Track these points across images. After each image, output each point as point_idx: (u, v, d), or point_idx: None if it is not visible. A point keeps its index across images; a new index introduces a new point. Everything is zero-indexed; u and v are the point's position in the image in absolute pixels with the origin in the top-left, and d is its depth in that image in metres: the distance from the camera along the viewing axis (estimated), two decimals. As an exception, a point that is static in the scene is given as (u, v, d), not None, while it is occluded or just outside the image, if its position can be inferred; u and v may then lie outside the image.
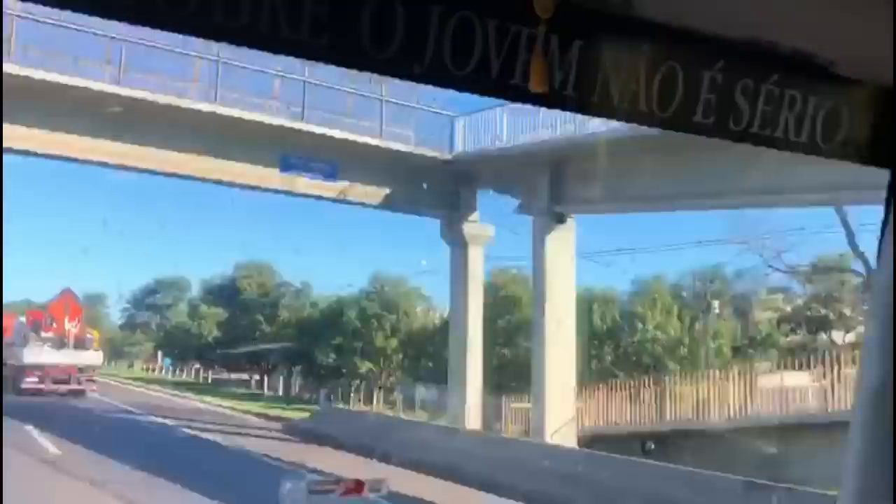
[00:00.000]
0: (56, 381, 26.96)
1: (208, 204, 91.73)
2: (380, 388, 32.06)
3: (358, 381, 32.04)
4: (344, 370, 32.31)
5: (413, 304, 33.58)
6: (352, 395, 31.65)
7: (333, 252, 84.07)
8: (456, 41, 1.20)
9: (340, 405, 27.98)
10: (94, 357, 29.08)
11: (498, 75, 1.24)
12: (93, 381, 28.76)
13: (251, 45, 1.19)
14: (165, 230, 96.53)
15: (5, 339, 31.27)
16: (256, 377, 43.96)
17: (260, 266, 47.11)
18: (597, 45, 1.28)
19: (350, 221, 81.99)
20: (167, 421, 22.41)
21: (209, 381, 49.33)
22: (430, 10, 1.18)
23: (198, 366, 54.91)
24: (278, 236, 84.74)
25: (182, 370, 55.15)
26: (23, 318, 30.48)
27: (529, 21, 1.20)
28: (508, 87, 1.26)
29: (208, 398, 31.94)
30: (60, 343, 27.84)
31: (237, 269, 46.82)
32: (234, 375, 49.26)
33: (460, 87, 1.27)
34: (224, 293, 46.38)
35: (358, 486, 8.11)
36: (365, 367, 31.64)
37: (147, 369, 60.15)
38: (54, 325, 28.39)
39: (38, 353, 26.94)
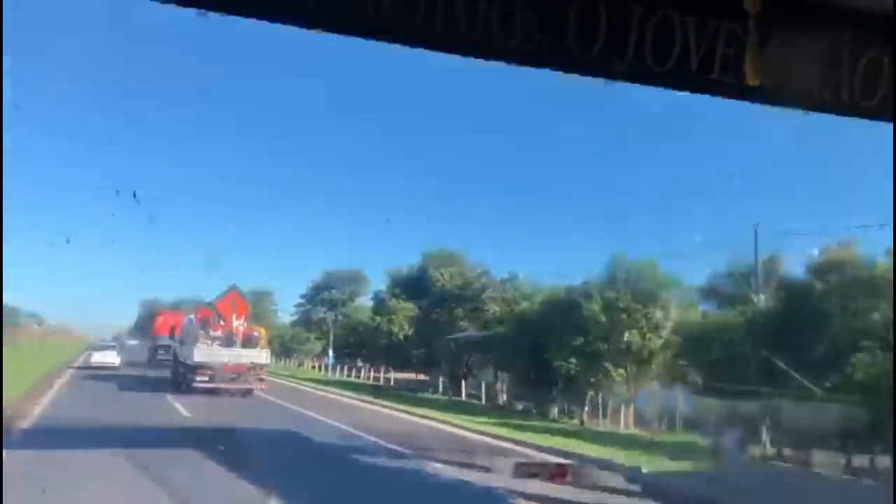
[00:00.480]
0: (226, 380, 25.96)
1: (384, 185, 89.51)
2: (626, 402, 24.17)
3: (596, 392, 24.53)
4: (592, 378, 24.69)
5: (670, 294, 24.82)
6: (586, 409, 24.80)
7: (533, 236, 75.41)
8: (657, 39, 1.23)
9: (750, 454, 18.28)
10: (261, 355, 27.50)
11: (697, 70, 1.26)
12: (261, 379, 27.30)
13: (465, 54, 1.27)
14: (335, 216, 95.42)
15: (176, 336, 31.45)
16: (443, 379, 38.88)
17: (451, 255, 43.39)
18: (801, 37, 1.27)
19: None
20: (388, 444, 15.48)
21: (391, 382, 45.93)
22: (631, 10, 1.21)
23: (360, 363, 52.65)
24: (464, 219, 79.00)
25: (352, 370, 52.97)
26: (191, 317, 29.94)
27: (733, 16, 1.21)
28: (707, 82, 1.29)
29: (402, 406, 26.70)
30: (229, 341, 27.09)
31: (427, 259, 43.28)
32: (408, 376, 45.77)
33: (660, 83, 1.29)
34: (414, 285, 42.72)
35: (562, 470, 10.93)
36: (618, 374, 23.63)
37: (316, 367, 59.08)
38: (222, 322, 27.78)
39: (207, 352, 26.06)
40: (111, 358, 39.17)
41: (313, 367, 59.25)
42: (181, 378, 27.16)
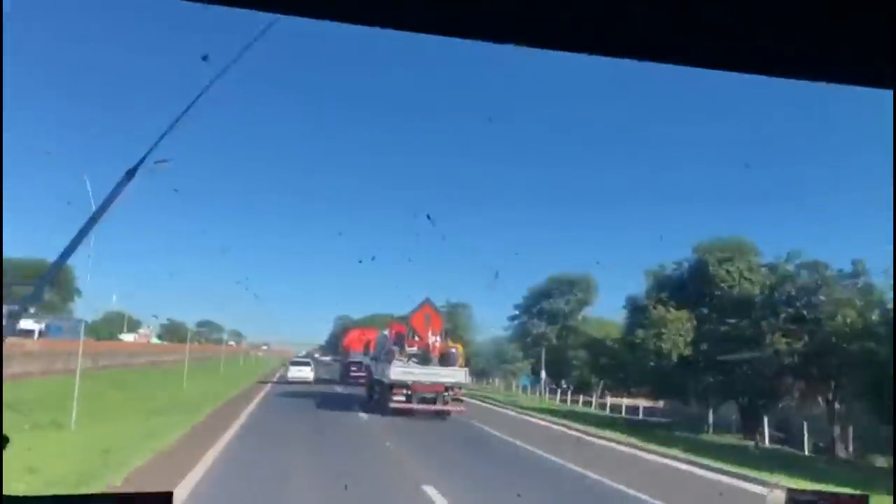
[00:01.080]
0: (423, 400, 24.60)
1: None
2: None
3: None
4: None
5: None
6: None
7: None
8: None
9: None
10: (459, 374, 25.42)
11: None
12: (459, 400, 25.58)
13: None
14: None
15: (370, 352, 29.60)
16: (734, 417, 31.31)
17: (739, 244, 32.94)
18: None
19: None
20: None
21: (615, 410, 39.32)
22: None
23: (565, 385, 47.86)
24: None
25: (556, 392, 46.83)
26: (385, 333, 29.42)
27: None
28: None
29: (711, 461, 18.51)
30: (425, 358, 25.81)
31: (701, 251, 33.16)
32: (630, 402, 40.31)
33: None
34: (685, 288, 33.21)
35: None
36: None
37: (516, 389, 52.42)
38: (417, 338, 26.77)
39: (404, 370, 24.82)
40: (305, 373, 43.34)
41: (518, 389, 51.93)
42: (377, 397, 26.72)
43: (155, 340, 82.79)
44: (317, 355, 74.42)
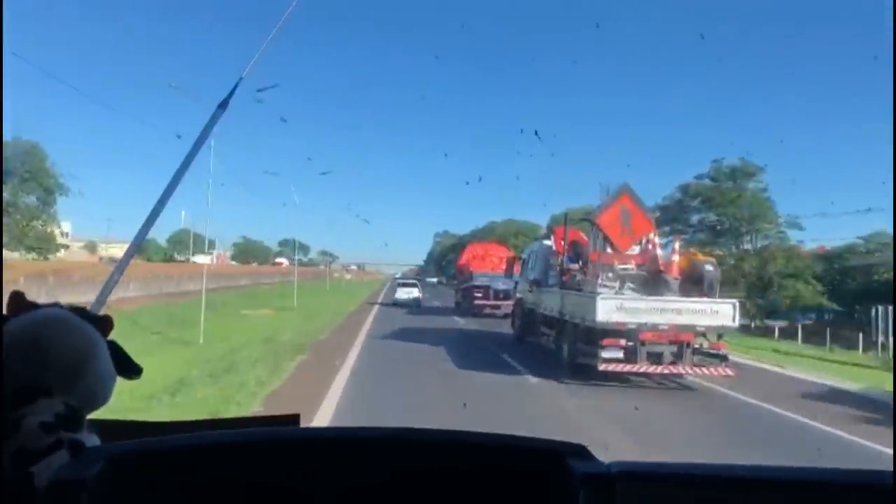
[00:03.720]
0: (654, 358, 13.31)
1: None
2: None
3: None
4: None
5: None
6: None
7: None
8: None
9: None
10: (723, 310, 13.23)
11: None
12: (721, 357, 13.45)
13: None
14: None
15: (515, 274, 22.40)
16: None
17: None
18: None
19: None
20: None
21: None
22: None
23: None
24: None
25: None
26: (547, 242, 19.05)
27: None
28: None
29: None
30: (654, 282, 14.07)
31: None
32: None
33: None
34: None
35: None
36: None
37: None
38: (609, 250, 15.25)
39: (622, 305, 13.15)
40: (415, 293, 41.99)
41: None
42: (573, 352, 14.34)
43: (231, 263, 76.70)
44: (411, 278, 67.07)
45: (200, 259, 67.91)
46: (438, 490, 1.21)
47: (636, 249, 15.54)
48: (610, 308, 12.83)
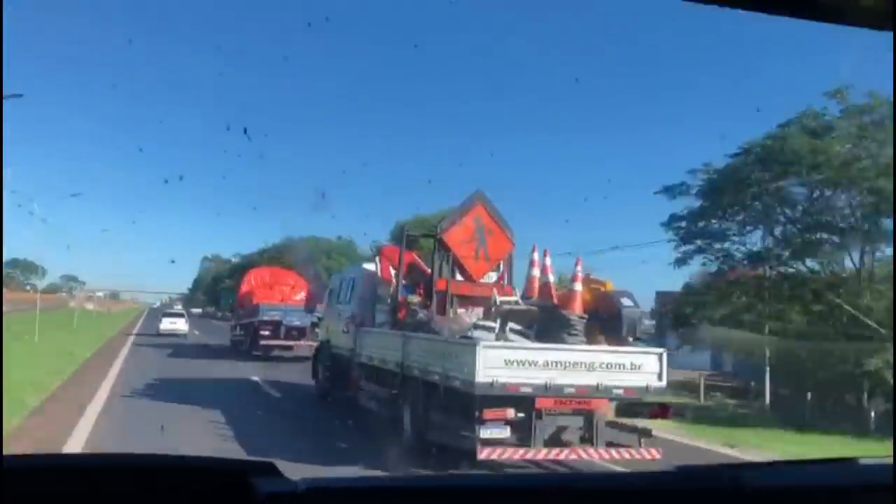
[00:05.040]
0: (553, 438, 9.15)
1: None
2: None
3: None
4: None
5: None
6: None
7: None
8: None
9: None
10: (647, 361, 9.12)
11: None
12: (642, 432, 9.50)
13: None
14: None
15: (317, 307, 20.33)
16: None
17: None
18: None
19: None
20: None
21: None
22: None
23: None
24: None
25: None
26: (368, 267, 14.85)
27: None
28: None
29: None
30: (552, 321, 9.99)
31: None
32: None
33: None
34: None
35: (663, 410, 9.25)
36: None
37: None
38: (457, 276, 11.92)
39: (510, 358, 8.78)
40: (181, 325, 39.64)
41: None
42: (425, 426, 9.83)
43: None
44: (178, 307, 60.17)
45: None
46: None
47: (493, 277, 12.05)
48: (495, 361, 8.63)
